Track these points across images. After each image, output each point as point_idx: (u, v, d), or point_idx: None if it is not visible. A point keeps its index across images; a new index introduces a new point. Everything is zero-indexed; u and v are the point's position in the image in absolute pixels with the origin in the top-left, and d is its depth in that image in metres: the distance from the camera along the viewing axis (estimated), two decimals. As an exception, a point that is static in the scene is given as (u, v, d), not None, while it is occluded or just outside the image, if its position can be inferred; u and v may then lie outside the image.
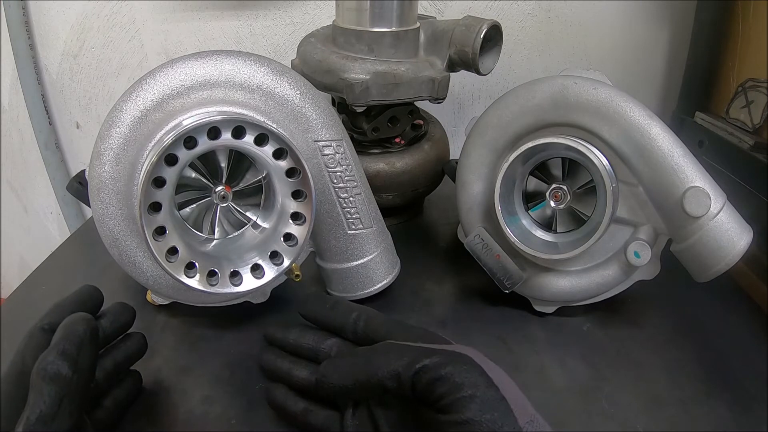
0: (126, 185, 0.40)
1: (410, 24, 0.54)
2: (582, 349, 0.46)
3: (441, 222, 0.67)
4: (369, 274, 0.48)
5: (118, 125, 0.39)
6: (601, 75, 0.47)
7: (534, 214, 0.48)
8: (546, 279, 0.48)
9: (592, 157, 0.41)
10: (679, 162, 0.42)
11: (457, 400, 0.26)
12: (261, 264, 0.42)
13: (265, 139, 0.39)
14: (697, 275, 0.43)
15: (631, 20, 0.78)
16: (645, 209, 0.45)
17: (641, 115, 0.42)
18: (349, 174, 0.46)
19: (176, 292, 0.45)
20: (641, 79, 0.82)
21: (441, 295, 0.53)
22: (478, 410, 0.26)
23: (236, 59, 0.41)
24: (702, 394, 0.41)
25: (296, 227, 0.42)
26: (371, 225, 0.48)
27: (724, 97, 0.66)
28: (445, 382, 0.27)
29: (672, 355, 0.45)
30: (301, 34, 0.61)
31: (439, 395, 0.27)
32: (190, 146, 0.37)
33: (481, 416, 0.26)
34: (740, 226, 0.41)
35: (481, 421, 0.25)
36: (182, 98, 0.40)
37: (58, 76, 0.83)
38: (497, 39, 0.56)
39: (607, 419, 0.39)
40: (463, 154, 0.51)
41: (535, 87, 0.46)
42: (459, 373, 0.27)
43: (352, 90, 0.51)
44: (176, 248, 0.39)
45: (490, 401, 0.26)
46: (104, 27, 0.79)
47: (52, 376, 0.27)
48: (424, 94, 0.54)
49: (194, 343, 0.46)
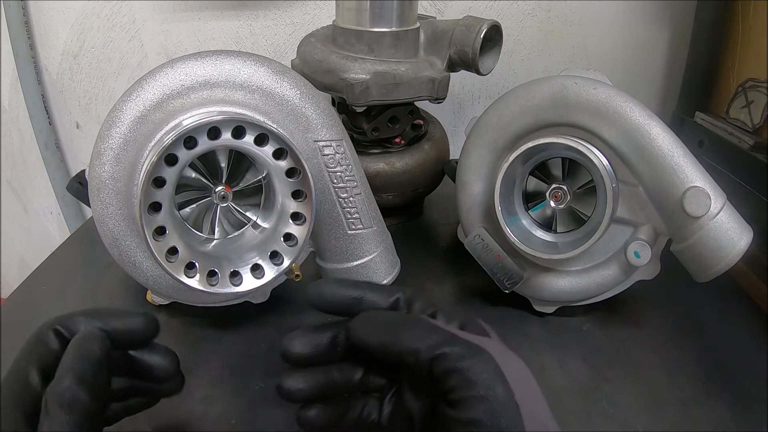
0: (126, 185, 0.40)
1: (410, 24, 0.54)
2: (582, 349, 0.46)
3: (441, 222, 0.67)
4: (369, 274, 0.48)
5: (118, 125, 0.39)
6: (601, 75, 0.47)
7: (534, 214, 0.48)
8: (546, 279, 0.48)
9: (592, 157, 0.41)
10: (679, 162, 0.42)
11: (468, 397, 0.25)
12: (261, 264, 0.42)
13: (265, 139, 0.39)
14: (697, 275, 0.43)
15: (631, 20, 0.78)
16: (645, 209, 0.45)
17: (641, 115, 0.42)
18: (349, 174, 0.46)
19: (176, 292, 0.45)
20: (641, 79, 0.82)
21: (441, 295, 0.53)
22: (485, 413, 0.25)
23: (236, 59, 0.41)
24: (702, 394, 0.41)
25: (296, 227, 0.42)
26: (371, 225, 0.48)
27: (724, 97, 0.66)
28: (458, 375, 0.26)
29: (672, 355, 0.45)
30: (301, 34, 0.61)
31: (451, 387, 0.26)
32: (190, 146, 0.37)
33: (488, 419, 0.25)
34: (740, 226, 0.41)
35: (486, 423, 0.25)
36: (182, 98, 0.40)
37: (58, 76, 0.83)
38: (497, 39, 0.56)
39: (607, 419, 0.39)
40: (463, 154, 0.51)
41: (535, 87, 0.46)
42: (474, 370, 0.26)
43: (352, 90, 0.51)
44: (176, 248, 0.39)
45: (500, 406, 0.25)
46: (104, 27, 0.79)
47: (70, 403, 0.25)
48: (424, 94, 0.54)
49: (194, 343, 0.46)
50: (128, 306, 0.50)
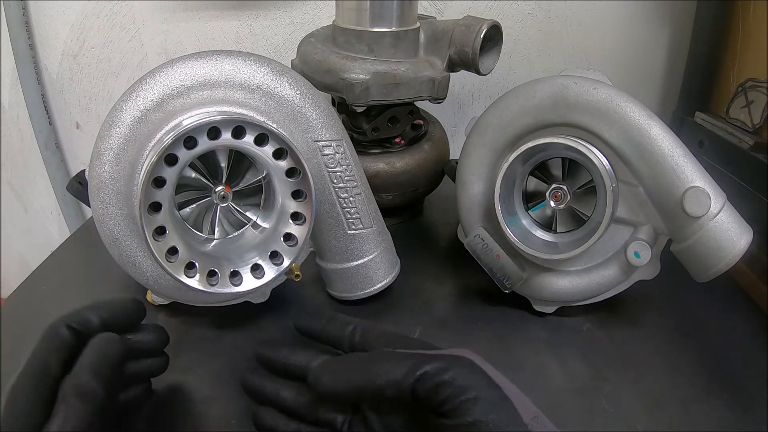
0: (126, 185, 0.40)
1: (410, 24, 0.54)
2: (582, 349, 0.46)
3: (441, 222, 0.67)
4: (369, 274, 0.48)
5: (118, 125, 0.39)
6: (601, 75, 0.47)
7: (534, 214, 0.48)
8: (546, 279, 0.48)
9: (592, 157, 0.41)
10: (679, 162, 0.42)
11: (462, 403, 0.26)
12: (261, 264, 0.42)
13: (265, 139, 0.39)
14: (697, 275, 0.43)
15: (631, 20, 0.78)
16: (645, 209, 0.45)
17: (641, 115, 0.42)
18: (349, 174, 0.46)
19: (176, 292, 0.45)
20: (641, 79, 0.82)
21: (441, 295, 0.53)
22: (483, 411, 0.26)
23: (236, 59, 0.41)
24: (702, 394, 0.41)
25: (296, 227, 0.42)
26: (371, 225, 0.48)
27: (724, 97, 0.66)
28: (448, 386, 0.27)
29: (672, 355, 0.45)
30: (301, 34, 0.61)
31: (443, 400, 0.27)
32: (190, 146, 0.37)
33: (487, 416, 0.25)
34: (740, 226, 0.41)
35: (488, 421, 0.25)
36: (182, 98, 0.40)
37: (58, 76, 0.83)
38: (497, 39, 0.56)
39: (607, 419, 0.39)
40: (463, 154, 0.51)
41: (535, 87, 0.46)
42: (461, 377, 0.27)
43: (352, 90, 0.51)
44: (176, 248, 0.39)
45: (495, 402, 0.26)
46: (104, 27, 0.79)
47: (87, 394, 0.27)
48: (424, 94, 0.54)
49: (194, 343, 0.46)
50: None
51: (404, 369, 0.28)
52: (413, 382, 0.27)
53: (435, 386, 0.27)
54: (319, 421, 0.33)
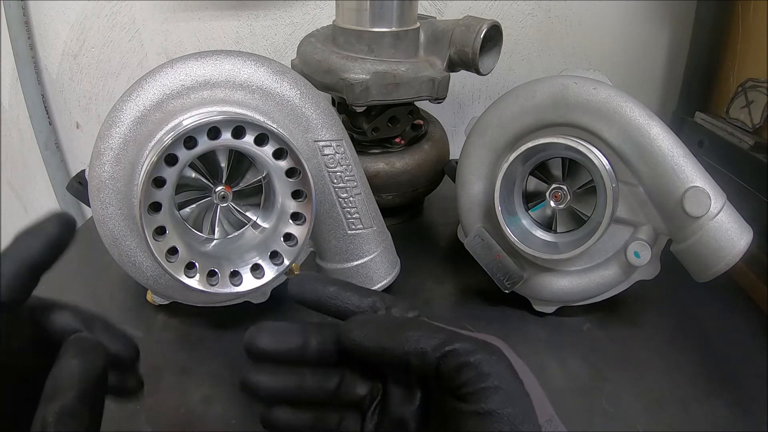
0: (126, 185, 0.40)
1: (410, 24, 0.54)
2: (582, 349, 0.46)
3: (441, 222, 0.67)
4: (369, 274, 0.48)
5: (118, 125, 0.39)
6: (601, 75, 0.47)
7: (534, 214, 0.48)
8: (546, 279, 0.48)
9: (592, 157, 0.41)
10: (679, 162, 0.42)
11: (482, 389, 0.25)
12: (261, 264, 0.42)
13: (265, 139, 0.39)
14: (697, 275, 0.43)
15: (631, 20, 0.78)
16: (645, 209, 0.44)
17: (641, 115, 0.42)
18: (349, 174, 0.46)
19: (176, 292, 0.45)
20: (641, 79, 0.82)
21: (441, 295, 0.53)
22: (501, 402, 0.25)
23: (236, 59, 0.41)
24: (702, 394, 0.41)
25: (296, 227, 0.42)
26: (371, 225, 0.48)
27: (724, 97, 0.66)
28: (471, 369, 0.26)
29: (672, 355, 0.45)
30: (301, 34, 0.61)
31: (463, 382, 0.26)
32: (190, 146, 0.37)
33: (503, 409, 0.25)
34: (740, 226, 0.41)
35: (503, 414, 0.25)
36: (182, 98, 0.40)
37: (58, 76, 0.83)
38: (497, 39, 0.56)
39: (608, 419, 0.39)
40: (463, 154, 0.51)
41: (535, 87, 0.46)
42: (487, 362, 0.26)
43: (352, 90, 0.51)
44: (176, 248, 0.39)
45: (514, 395, 0.26)
46: (104, 27, 0.79)
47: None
48: (424, 94, 0.54)
49: (194, 343, 0.46)
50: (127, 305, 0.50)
51: (435, 342, 0.27)
52: (440, 356, 0.27)
53: (459, 366, 0.26)
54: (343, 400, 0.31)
